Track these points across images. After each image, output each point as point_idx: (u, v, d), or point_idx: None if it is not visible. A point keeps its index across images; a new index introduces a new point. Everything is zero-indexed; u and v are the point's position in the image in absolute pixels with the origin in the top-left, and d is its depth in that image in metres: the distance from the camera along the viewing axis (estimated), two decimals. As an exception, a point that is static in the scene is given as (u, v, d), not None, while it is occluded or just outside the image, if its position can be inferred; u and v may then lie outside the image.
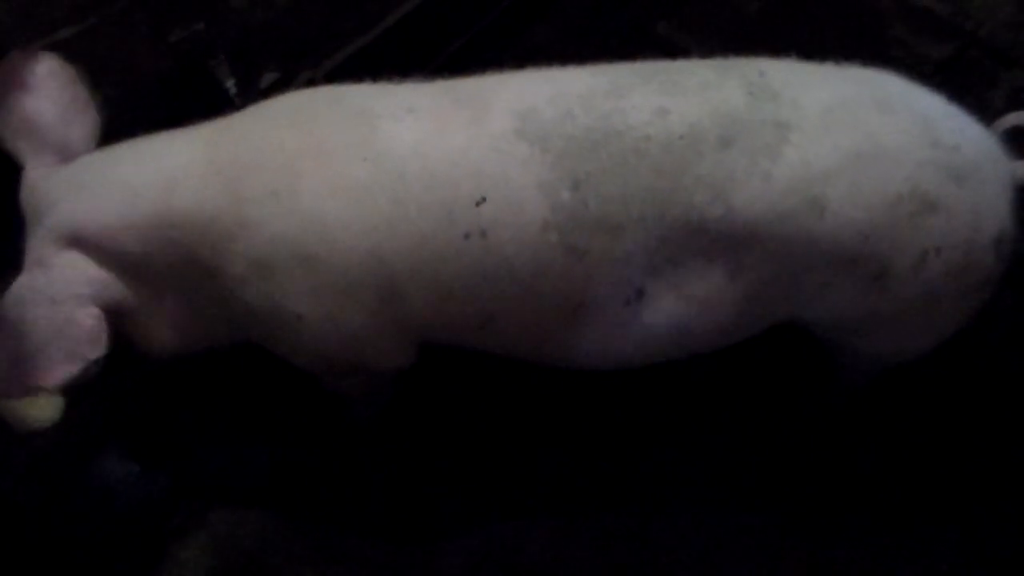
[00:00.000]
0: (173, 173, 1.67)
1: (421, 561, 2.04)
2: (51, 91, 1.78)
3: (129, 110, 2.10)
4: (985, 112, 1.72)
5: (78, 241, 1.67)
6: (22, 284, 1.66)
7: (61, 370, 1.63)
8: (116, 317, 1.70)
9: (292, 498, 2.11)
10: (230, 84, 2.26)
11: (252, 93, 2.24)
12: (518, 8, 2.68)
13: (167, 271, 1.71)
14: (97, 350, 1.64)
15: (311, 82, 2.26)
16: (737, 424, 2.16)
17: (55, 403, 1.69)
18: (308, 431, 2.16)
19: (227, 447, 2.16)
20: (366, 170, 1.62)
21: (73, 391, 1.66)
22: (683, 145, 1.58)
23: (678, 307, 1.67)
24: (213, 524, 2.06)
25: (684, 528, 2.07)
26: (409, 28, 2.47)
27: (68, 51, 1.94)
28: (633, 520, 2.08)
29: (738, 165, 1.57)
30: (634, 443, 2.15)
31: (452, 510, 2.10)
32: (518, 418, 2.18)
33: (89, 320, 1.65)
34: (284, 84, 2.29)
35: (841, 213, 1.58)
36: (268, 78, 2.30)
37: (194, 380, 2.14)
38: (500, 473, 2.13)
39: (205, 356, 1.92)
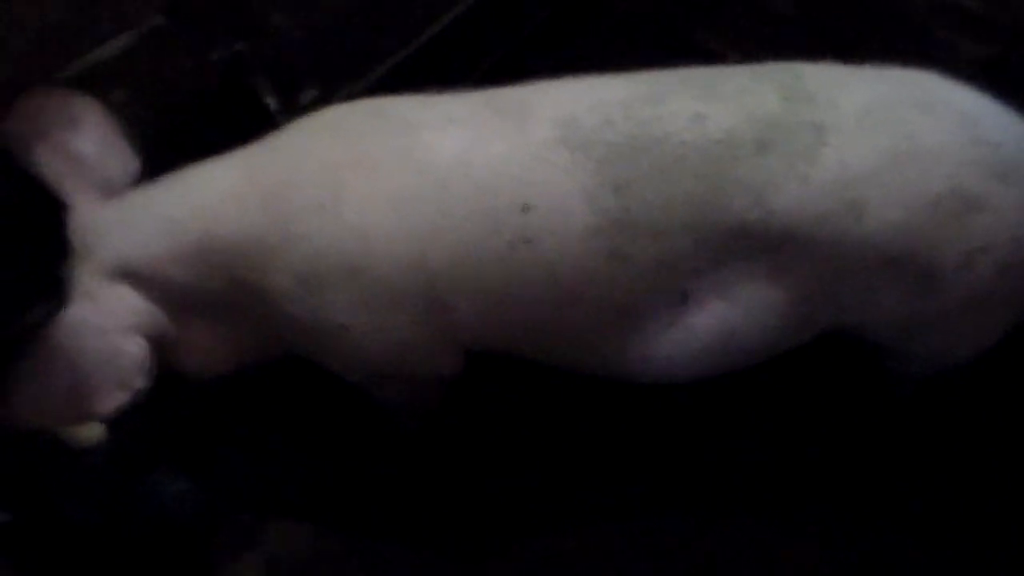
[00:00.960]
0: (214, 201, 1.71)
1: (475, 573, 2.04)
2: (88, 128, 1.83)
3: (171, 129, 2.13)
4: (1025, 110, 1.69)
5: (125, 275, 1.72)
6: (72, 316, 1.70)
7: (112, 399, 1.68)
8: (162, 345, 1.74)
9: (344, 512, 2.12)
10: (271, 101, 2.28)
11: (293, 110, 2.25)
12: (555, 19, 2.68)
13: (212, 297, 1.75)
14: (145, 379, 1.69)
15: (351, 97, 2.26)
16: (783, 431, 2.15)
17: (98, 426, 1.79)
18: (358, 444, 2.16)
19: (278, 461, 2.17)
20: (409, 181, 1.63)
21: (122, 413, 1.69)
22: (721, 150, 1.58)
23: (723, 311, 1.68)
24: (266, 540, 2.07)
25: (740, 535, 2.07)
26: (447, 42, 2.48)
27: (109, 71, 1.97)
28: (690, 529, 2.07)
29: (776, 169, 1.57)
30: (688, 452, 2.14)
31: (506, 521, 2.10)
32: (570, 427, 2.17)
33: (136, 350, 1.70)
34: (324, 100, 2.30)
35: (881, 214, 1.57)
36: (308, 95, 2.31)
37: (243, 395, 2.15)
38: (553, 482, 2.13)
39: (253, 372, 1.94)
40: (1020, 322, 1.77)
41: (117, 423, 1.94)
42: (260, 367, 1.95)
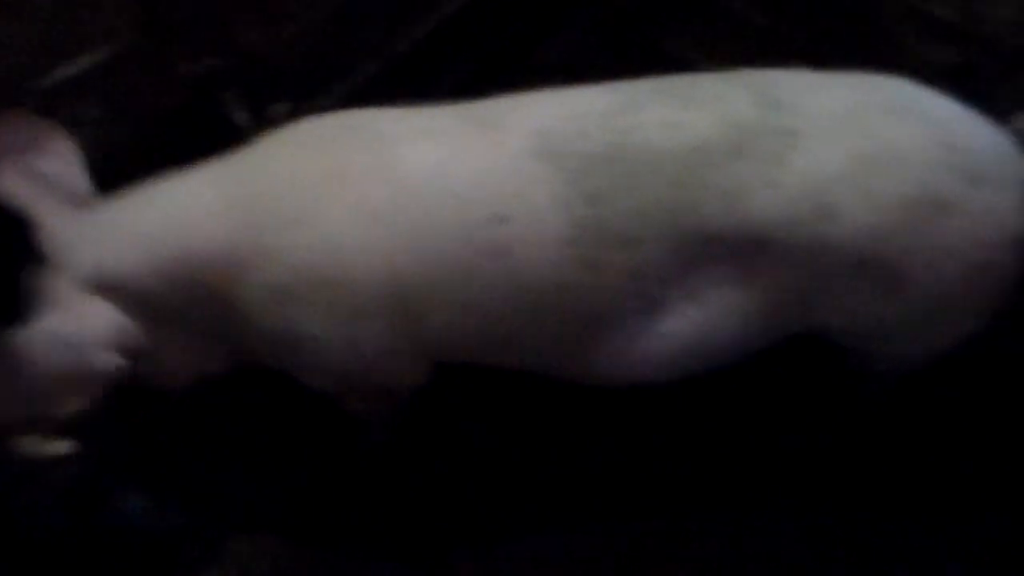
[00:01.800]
0: (189, 213, 1.71)
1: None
2: (51, 150, 1.81)
3: (142, 144, 2.13)
4: (994, 114, 1.71)
5: (100, 287, 1.71)
6: (43, 325, 1.69)
7: (73, 405, 1.68)
8: (133, 356, 1.74)
9: (307, 526, 2.10)
10: (241, 116, 2.27)
11: (264, 125, 2.24)
12: (528, 30, 2.69)
13: (186, 309, 1.74)
14: (108, 390, 1.69)
15: (321, 111, 2.26)
16: (755, 430, 2.16)
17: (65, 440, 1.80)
18: (321, 458, 2.15)
19: (241, 477, 2.16)
20: (385, 194, 1.64)
21: (89, 428, 1.67)
22: (695, 157, 1.60)
23: (696, 317, 1.69)
24: (229, 555, 2.06)
25: (706, 535, 2.08)
26: (418, 56, 2.48)
27: (82, 86, 1.97)
28: (651, 533, 2.07)
29: (749, 174, 1.59)
30: (651, 454, 2.14)
31: (470, 529, 2.10)
32: (530, 433, 2.17)
33: (107, 363, 1.69)
34: (294, 114, 2.28)
35: (853, 218, 1.58)
36: (279, 109, 2.31)
37: (206, 411, 2.14)
38: (515, 489, 2.13)
39: (216, 387, 1.94)
40: (984, 324, 1.79)
41: (84, 438, 1.94)
42: (225, 382, 1.95)
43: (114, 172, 1.84)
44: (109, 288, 1.71)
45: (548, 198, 1.61)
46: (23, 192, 1.77)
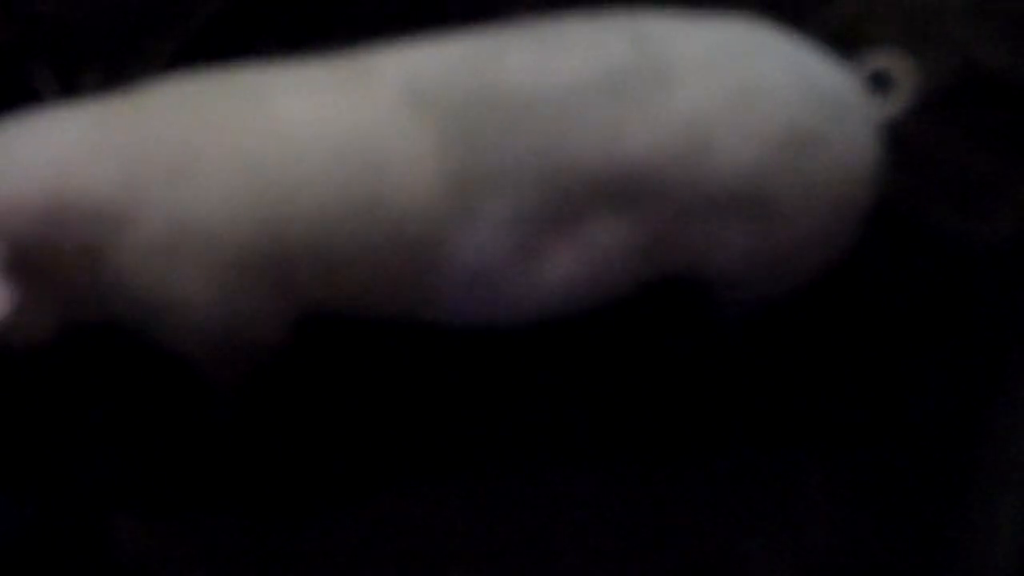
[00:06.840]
0: (67, 153, 1.64)
1: (309, 548, 2.03)
2: None
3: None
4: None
5: None
6: None
7: None
8: None
9: (165, 502, 2.06)
10: (51, 90, 2.17)
11: (74, 95, 2.13)
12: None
13: (47, 256, 1.65)
14: None
15: (136, 78, 2.16)
16: (602, 376, 2.18)
17: None
18: (170, 429, 2.09)
19: (89, 459, 2.07)
20: (264, 147, 1.64)
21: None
22: (569, 99, 1.62)
23: (575, 260, 1.71)
24: (91, 544, 1.99)
25: (567, 486, 2.11)
26: (237, 14, 2.38)
27: None
28: (517, 484, 2.10)
29: (625, 114, 1.62)
30: (513, 403, 2.15)
31: (333, 490, 2.09)
32: (388, 385, 2.15)
33: None
34: (108, 83, 2.18)
35: (729, 154, 1.63)
36: (92, 78, 2.20)
37: (48, 395, 2.05)
38: (374, 446, 2.12)
39: (59, 365, 1.91)
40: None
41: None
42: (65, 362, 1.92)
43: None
44: None
45: (422, 147, 1.62)
46: None
